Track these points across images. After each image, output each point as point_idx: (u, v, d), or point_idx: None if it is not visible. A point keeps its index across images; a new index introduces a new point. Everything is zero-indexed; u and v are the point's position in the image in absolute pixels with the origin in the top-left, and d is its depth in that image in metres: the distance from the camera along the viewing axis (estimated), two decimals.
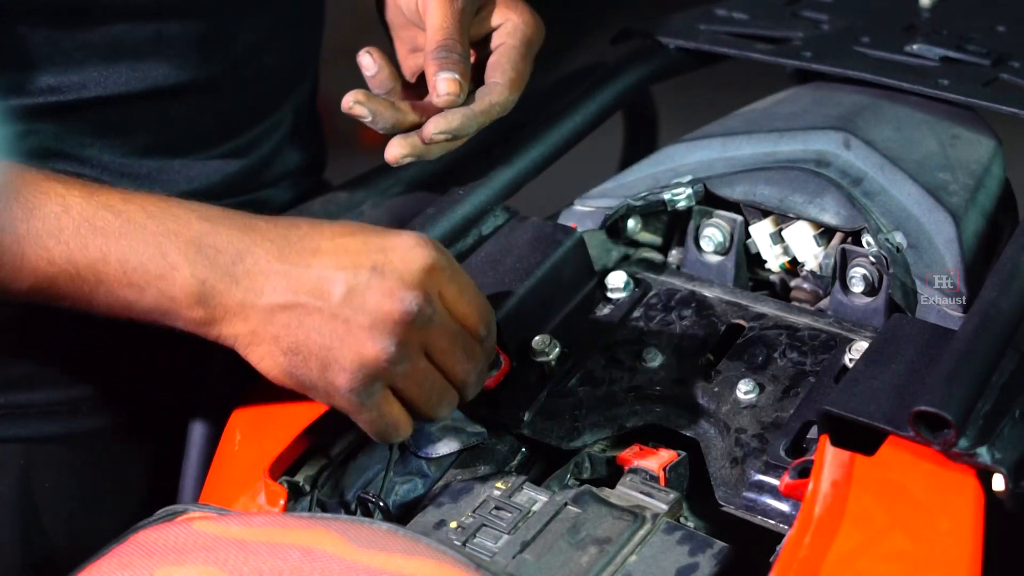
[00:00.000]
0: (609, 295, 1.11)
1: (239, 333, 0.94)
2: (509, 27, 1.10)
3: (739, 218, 1.12)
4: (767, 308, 1.09)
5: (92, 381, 1.13)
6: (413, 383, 0.93)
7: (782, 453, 0.95)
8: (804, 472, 0.91)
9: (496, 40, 1.10)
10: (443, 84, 1.03)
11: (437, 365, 0.94)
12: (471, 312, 0.95)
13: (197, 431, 1.13)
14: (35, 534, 1.13)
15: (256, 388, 1.04)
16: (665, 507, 0.94)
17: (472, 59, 1.07)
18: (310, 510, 0.99)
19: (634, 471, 0.98)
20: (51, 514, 1.13)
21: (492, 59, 1.09)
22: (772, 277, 1.14)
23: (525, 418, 1.01)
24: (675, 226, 1.16)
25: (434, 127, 1.03)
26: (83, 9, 1.04)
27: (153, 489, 1.17)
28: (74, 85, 1.07)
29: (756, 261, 1.13)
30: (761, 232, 1.11)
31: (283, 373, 0.94)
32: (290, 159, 1.24)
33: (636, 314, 1.09)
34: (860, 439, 0.90)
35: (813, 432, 0.96)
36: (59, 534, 0.86)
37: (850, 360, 1.00)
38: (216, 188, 1.16)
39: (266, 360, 0.94)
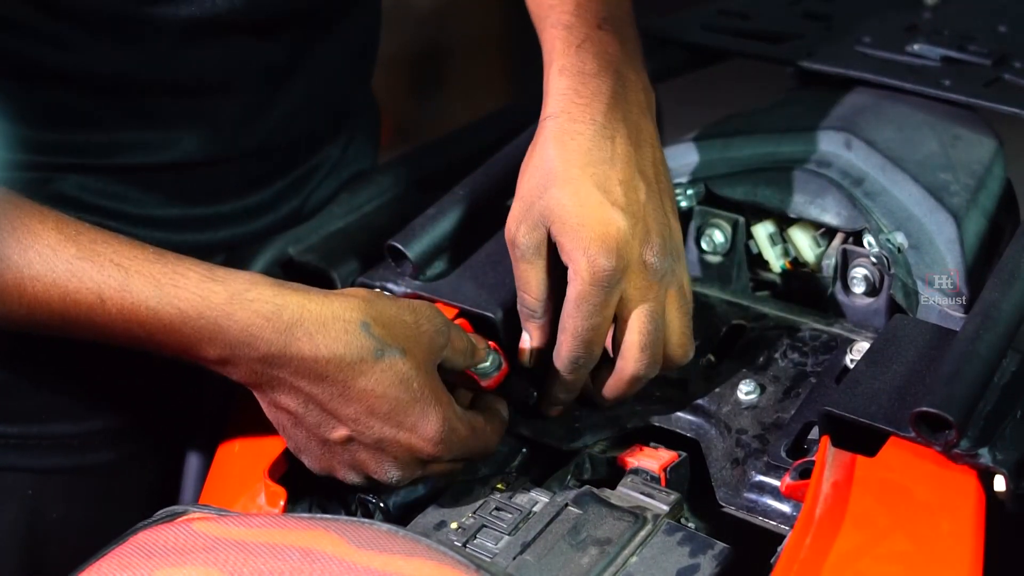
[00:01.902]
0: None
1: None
2: (569, 276, 0.98)
3: (740, 218, 1.12)
4: (768, 309, 1.09)
5: (106, 415, 1.12)
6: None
7: (783, 454, 0.95)
8: (805, 473, 0.91)
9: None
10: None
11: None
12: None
13: (197, 432, 1.13)
14: (42, 565, 1.12)
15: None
16: (666, 508, 0.94)
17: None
18: (310, 511, 0.99)
19: (635, 472, 0.98)
20: (58, 545, 1.12)
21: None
22: (773, 277, 1.14)
23: (532, 400, 1.02)
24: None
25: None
26: (123, 81, 1.03)
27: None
28: (104, 149, 1.06)
29: (757, 261, 1.13)
30: (762, 232, 1.11)
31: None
32: (334, 183, 1.23)
33: None
34: (861, 440, 0.90)
35: (814, 433, 0.96)
36: (65, 565, 0.86)
37: (851, 361, 1.00)
38: (258, 233, 1.16)
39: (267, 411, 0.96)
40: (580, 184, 0.96)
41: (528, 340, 1.01)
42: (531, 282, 0.98)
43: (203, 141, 1.09)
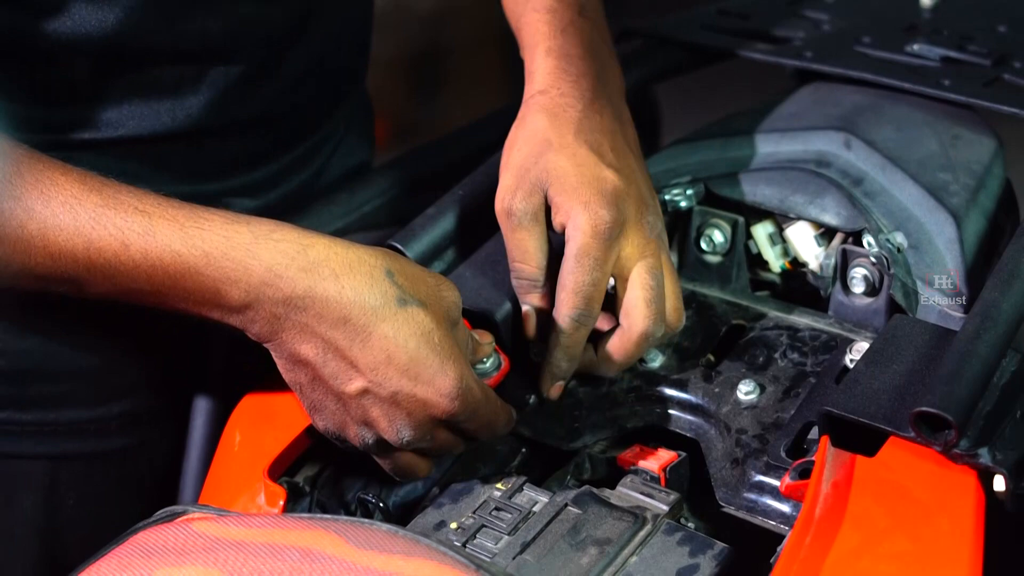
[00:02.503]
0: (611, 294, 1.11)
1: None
2: (567, 235, 0.99)
3: (740, 218, 1.12)
4: (768, 309, 1.09)
5: (121, 400, 1.12)
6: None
7: (783, 454, 0.95)
8: (805, 473, 0.91)
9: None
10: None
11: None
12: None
13: (197, 431, 1.13)
14: (60, 550, 1.12)
15: (256, 389, 1.04)
16: (666, 508, 0.94)
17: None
18: (310, 510, 0.99)
19: (634, 472, 0.98)
20: (74, 531, 1.12)
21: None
22: (773, 277, 1.14)
23: (531, 400, 1.02)
24: (676, 226, 1.16)
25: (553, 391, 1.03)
26: (127, 50, 1.04)
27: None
28: (111, 121, 1.06)
29: (757, 261, 1.13)
30: (762, 232, 1.11)
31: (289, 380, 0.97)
32: (335, 170, 1.24)
33: None
34: (861, 440, 0.90)
35: (814, 433, 0.96)
36: (83, 551, 0.86)
37: (851, 361, 1.00)
38: (258, 213, 1.16)
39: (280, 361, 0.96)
40: (576, 148, 0.99)
41: (532, 311, 1.01)
42: (529, 250, 0.99)
43: (207, 108, 1.09)
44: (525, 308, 1.02)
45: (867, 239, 1.06)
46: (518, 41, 1.10)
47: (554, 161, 0.99)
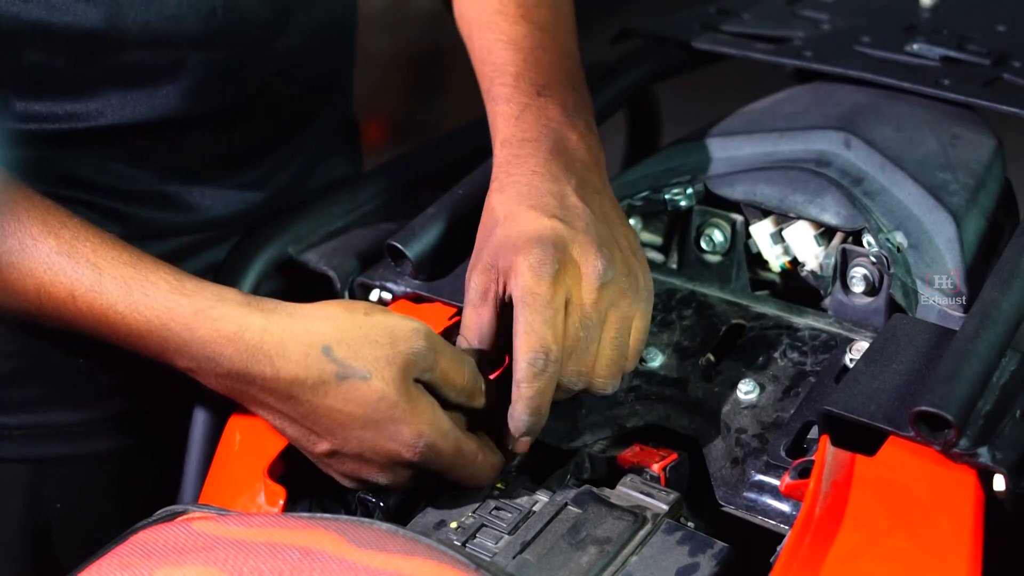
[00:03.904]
0: None
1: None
2: (511, 285, 0.95)
3: (739, 218, 1.12)
4: (767, 308, 1.09)
5: (107, 403, 1.12)
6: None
7: (782, 453, 0.95)
8: (804, 472, 0.91)
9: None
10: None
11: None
12: None
13: (197, 431, 1.13)
14: (47, 556, 1.12)
15: None
16: (665, 507, 0.94)
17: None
18: (310, 510, 0.99)
19: (634, 471, 0.98)
20: (63, 536, 1.12)
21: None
22: (772, 277, 1.14)
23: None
24: (675, 226, 1.16)
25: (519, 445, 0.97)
26: (103, 37, 1.03)
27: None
28: (91, 112, 1.06)
29: (756, 261, 1.13)
30: (761, 232, 1.11)
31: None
32: (320, 176, 1.24)
33: None
34: (861, 439, 0.90)
35: (814, 432, 0.96)
36: (71, 556, 0.87)
37: (851, 360, 1.00)
38: (239, 215, 1.16)
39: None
40: (518, 214, 0.97)
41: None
42: (471, 327, 0.97)
43: (185, 98, 1.09)
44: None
45: (867, 239, 1.06)
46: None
47: (499, 234, 0.96)
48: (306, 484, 1.00)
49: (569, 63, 1.11)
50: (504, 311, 0.96)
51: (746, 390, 1.01)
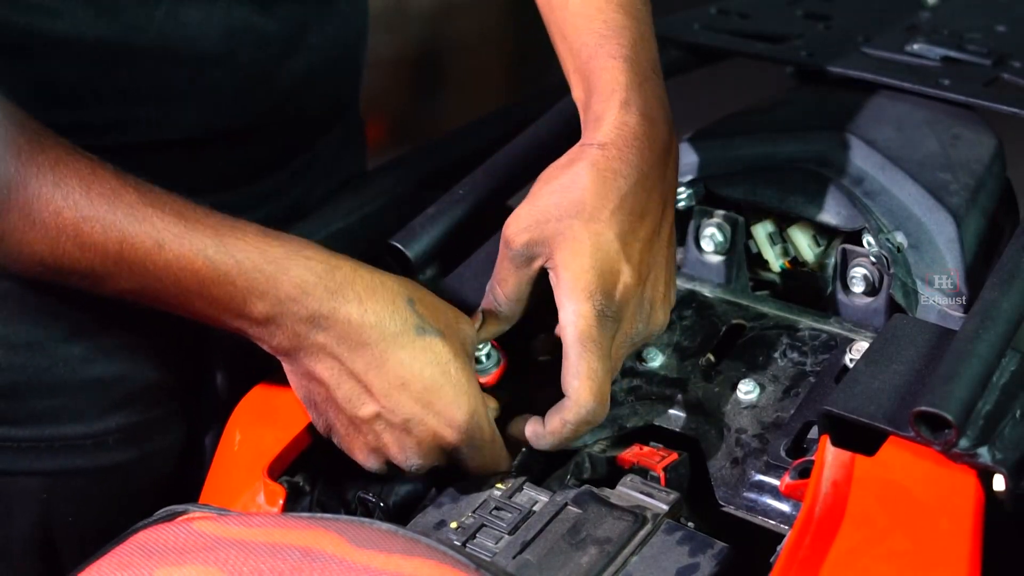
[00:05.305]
0: None
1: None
2: (563, 318, 0.95)
3: (740, 218, 1.12)
4: (767, 308, 1.09)
5: (118, 415, 1.11)
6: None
7: (782, 453, 0.95)
8: (804, 472, 0.91)
9: (560, 331, 0.96)
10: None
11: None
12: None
13: (198, 432, 1.13)
14: (58, 569, 1.12)
15: (256, 389, 1.04)
16: (665, 507, 0.94)
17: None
18: (310, 510, 0.99)
19: (634, 471, 0.98)
20: (73, 548, 1.12)
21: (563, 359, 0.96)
22: (773, 277, 1.14)
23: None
24: (676, 226, 1.16)
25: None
26: (117, 51, 1.03)
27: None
28: (101, 126, 1.05)
29: (757, 261, 1.13)
30: (762, 232, 1.11)
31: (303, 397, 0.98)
32: (330, 182, 1.24)
33: None
34: (861, 439, 0.90)
35: (814, 432, 0.96)
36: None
37: (851, 360, 1.00)
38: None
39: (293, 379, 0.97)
40: (605, 228, 0.95)
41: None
42: (509, 281, 0.98)
43: (203, 114, 1.08)
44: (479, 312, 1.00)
45: (867, 239, 1.06)
46: (579, 83, 1.04)
47: (575, 230, 0.94)
48: (306, 484, 1.00)
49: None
50: (539, 278, 0.98)
51: (746, 390, 1.01)
